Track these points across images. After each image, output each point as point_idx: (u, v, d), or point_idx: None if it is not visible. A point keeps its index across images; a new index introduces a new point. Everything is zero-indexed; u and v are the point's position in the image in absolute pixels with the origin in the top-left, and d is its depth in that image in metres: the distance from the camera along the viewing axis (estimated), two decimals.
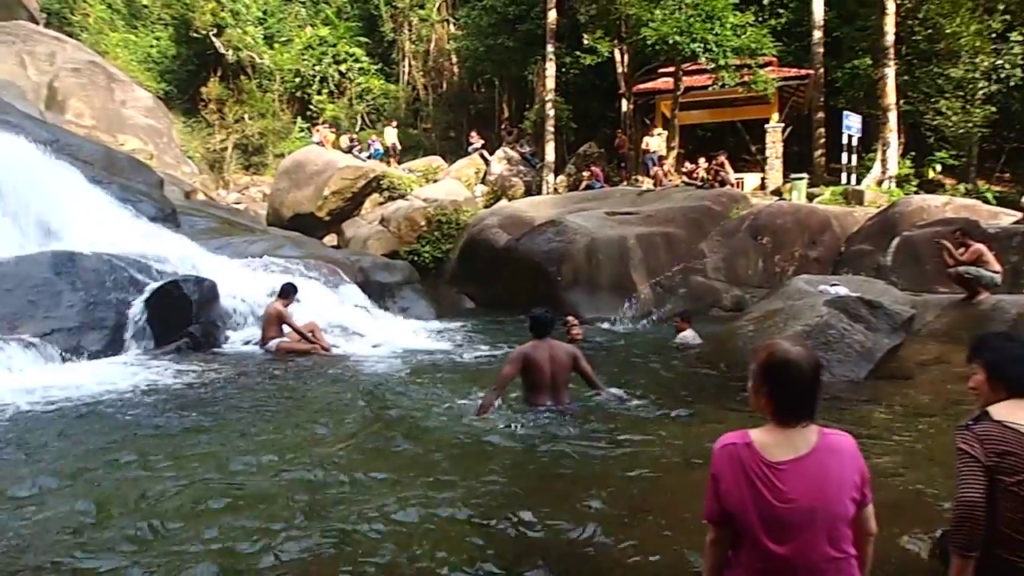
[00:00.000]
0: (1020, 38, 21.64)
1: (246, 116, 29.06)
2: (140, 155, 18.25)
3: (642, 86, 21.43)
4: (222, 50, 28.75)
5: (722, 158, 18.51)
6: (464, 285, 16.38)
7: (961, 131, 21.16)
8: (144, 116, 24.12)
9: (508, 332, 10.98)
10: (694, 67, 18.98)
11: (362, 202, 19.75)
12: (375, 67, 30.42)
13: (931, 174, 22.74)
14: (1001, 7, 21.11)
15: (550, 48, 20.38)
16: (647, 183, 19.00)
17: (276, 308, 8.43)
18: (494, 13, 23.93)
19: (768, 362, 1.98)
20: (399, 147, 23.66)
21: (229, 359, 7.88)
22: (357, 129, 27.96)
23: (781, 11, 23.04)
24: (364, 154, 21.18)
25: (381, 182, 19.61)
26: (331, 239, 19.33)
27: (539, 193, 20.11)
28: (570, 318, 9.51)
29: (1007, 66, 21.26)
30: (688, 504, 3.23)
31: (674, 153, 19.58)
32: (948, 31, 19.99)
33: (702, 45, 16.85)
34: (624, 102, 21.52)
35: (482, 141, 22.98)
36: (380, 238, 17.83)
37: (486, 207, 19.38)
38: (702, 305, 13.35)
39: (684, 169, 19.03)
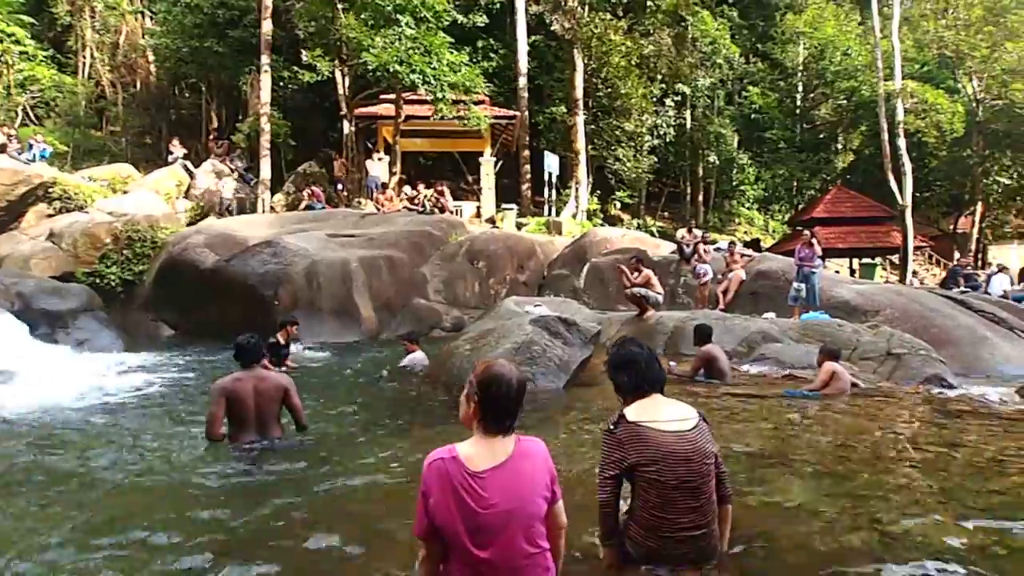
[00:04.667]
0: (672, 103, 26.87)
1: None
2: None
3: (364, 110, 21.47)
4: None
5: (441, 186, 19.34)
6: (162, 311, 14.43)
7: (634, 175, 25.42)
8: None
9: (217, 362, 9.91)
10: (415, 97, 19.64)
11: (23, 213, 16.25)
12: (44, 53, 25.47)
13: (613, 210, 26.87)
14: (659, 77, 25.94)
15: (265, 60, 19.29)
16: (369, 206, 18.99)
17: None
18: (200, 13, 21.86)
19: (483, 376, 2.14)
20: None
21: None
22: (16, 124, 23.02)
23: (492, 55, 25.21)
24: (25, 155, 17.47)
25: (50, 190, 16.38)
26: None
27: (254, 211, 18.75)
28: (293, 327, 8.98)
29: (664, 125, 26.20)
30: (411, 523, 3.19)
31: (395, 179, 19.92)
32: (623, 91, 23.90)
33: (421, 76, 17.52)
34: (346, 124, 21.29)
35: (184, 151, 20.65)
36: (48, 257, 14.80)
37: (190, 224, 17.41)
38: (425, 326, 13.70)
39: (406, 195, 19.45)
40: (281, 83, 21.05)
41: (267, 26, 19.44)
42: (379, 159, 20.37)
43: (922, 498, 3.60)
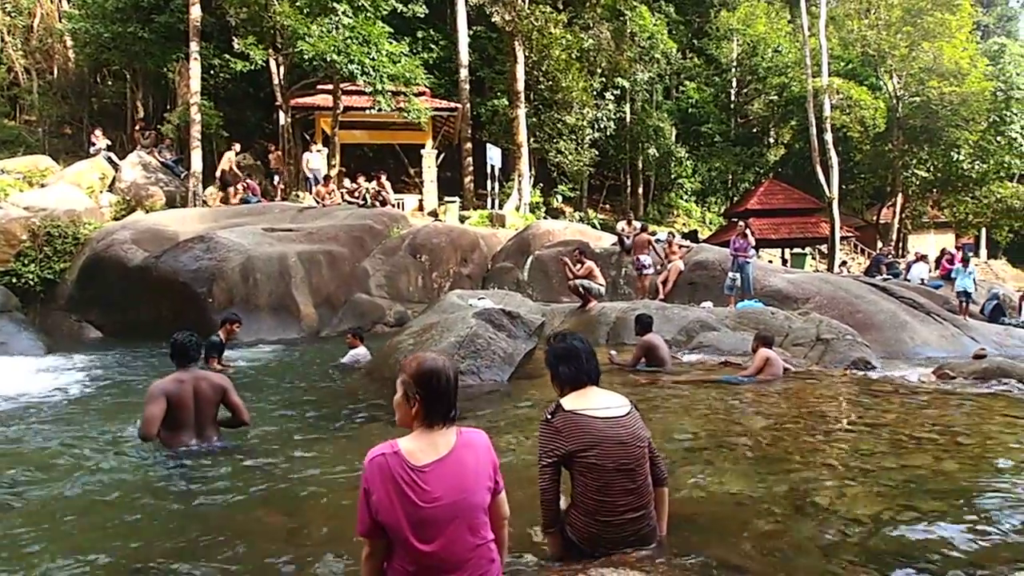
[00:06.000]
0: (612, 97, 27.22)
1: None
2: None
3: (301, 100, 20.89)
4: None
5: (382, 179, 19.05)
6: (87, 312, 13.71)
7: (575, 168, 25.68)
8: None
9: (147, 364, 9.51)
10: (354, 88, 19.22)
11: None
12: None
13: (555, 202, 27.08)
14: (599, 71, 26.24)
15: (194, 47, 18.48)
16: (308, 199, 18.52)
17: None
18: None
19: (419, 373, 2.11)
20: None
21: None
22: None
23: (433, 47, 24.95)
24: None
25: None
26: None
27: (184, 205, 18.01)
28: (235, 325, 8.67)
29: (604, 118, 26.53)
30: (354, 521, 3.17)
31: (335, 171, 19.49)
32: (564, 84, 24.04)
33: (360, 67, 17.15)
34: (282, 115, 20.67)
35: (108, 142, 19.61)
36: None
37: (116, 219, 16.58)
38: (367, 321, 13.50)
39: (346, 188, 19.06)
40: (212, 71, 20.22)
41: (196, 11, 18.63)
42: (317, 151, 19.88)
43: (848, 476, 3.78)
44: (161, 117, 21.55)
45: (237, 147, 18.98)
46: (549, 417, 2.64)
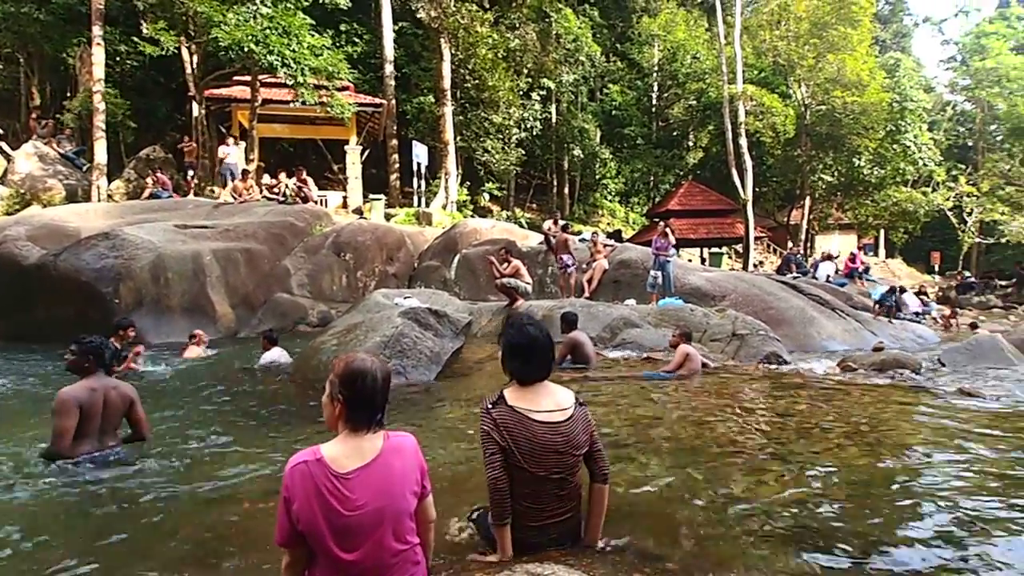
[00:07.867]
0: (538, 97, 27.49)
1: None
2: None
3: (216, 91, 20.01)
4: None
5: (304, 174, 18.49)
6: None
7: (502, 167, 25.80)
8: None
9: (45, 369, 8.83)
10: (274, 80, 18.56)
11: None
12: None
13: (482, 201, 27.11)
14: (525, 71, 26.44)
15: (98, 31, 17.32)
16: (224, 195, 17.74)
17: None
18: None
19: (345, 373, 2.04)
20: None
21: None
22: None
23: (356, 40, 24.44)
24: None
25: None
26: None
27: (87, 200, 16.88)
28: (129, 330, 8.24)
29: (531, 118, 26.76)
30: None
31: (253, 166, 18.77)
32: (490, 84, 24.08)
33: (280, 59, 16.57)
34: (195, 106, 19.71)
35: (0, 131, 18.16)
36: None
37: (8, 214, 15.36)
38: (289, 321, 13.07)
39: (265, 183, 18.38)
40: (118, 58, 19.06)
41: None
42: (233, 144, 19.07)
43: (764, 464, 3.96)
44: (60, 105, 20.12)
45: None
46: (489, 406, 2.52)
